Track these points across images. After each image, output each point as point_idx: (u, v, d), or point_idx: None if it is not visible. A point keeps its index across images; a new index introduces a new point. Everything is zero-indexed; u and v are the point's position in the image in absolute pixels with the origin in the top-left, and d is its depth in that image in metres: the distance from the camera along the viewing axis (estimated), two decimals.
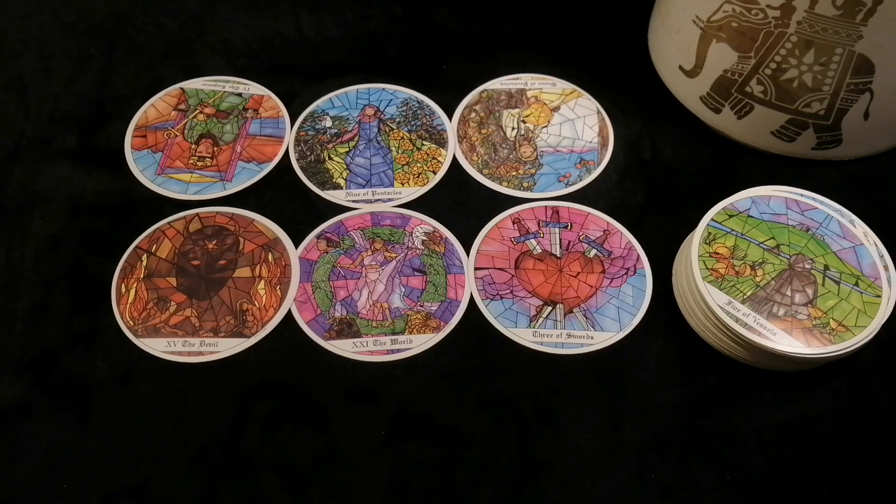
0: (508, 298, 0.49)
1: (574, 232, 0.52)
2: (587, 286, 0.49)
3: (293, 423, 0.44)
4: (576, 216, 0.52)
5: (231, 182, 0.54)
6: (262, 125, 0.57)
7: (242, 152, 0.55)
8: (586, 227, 0.52)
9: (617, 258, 0.51)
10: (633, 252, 0.51)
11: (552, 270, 0.50)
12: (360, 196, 0.54)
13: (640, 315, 0.48)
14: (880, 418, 0.45)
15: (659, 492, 0.42)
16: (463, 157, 0.56)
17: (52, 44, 0.63)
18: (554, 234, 0.51)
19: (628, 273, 0.50)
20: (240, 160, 0.55)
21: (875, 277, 0.45)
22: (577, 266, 0.50)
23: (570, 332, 0.47)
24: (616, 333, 0.47)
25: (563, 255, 0.51)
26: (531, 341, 0.47)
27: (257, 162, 0.55)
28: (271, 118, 0.58)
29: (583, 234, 0.52)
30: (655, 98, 0.59)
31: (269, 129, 0.57)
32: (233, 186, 0.54)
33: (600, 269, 0.50)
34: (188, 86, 0.59)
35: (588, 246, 0.51)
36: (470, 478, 0.43)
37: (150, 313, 0.48)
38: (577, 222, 0.52)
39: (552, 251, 0.51)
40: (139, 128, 0.57)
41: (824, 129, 0.53)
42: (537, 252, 0.51)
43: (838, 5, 0.45)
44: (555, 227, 0.52)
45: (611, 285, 0.49)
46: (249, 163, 0.55)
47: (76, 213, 0.52)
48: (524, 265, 0.50)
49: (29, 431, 0.44)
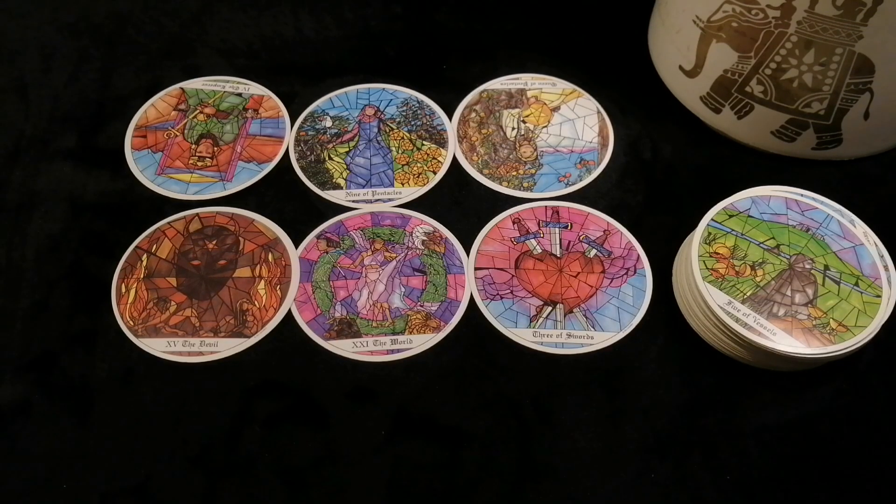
0: (508, 298, 0.49)
1: (574, 232, 0.52)
2: (587, 286, 0.49)
3: (293, 424, 0.44)
4: (576, 216, 0.52)
5: (231, 182, 0.54)
6: (263, 125, 0.57)
7: (242, 152, 0.55)
8: (586, 227, 0.52)
9: (617, 258, 0.51)
10: (634, 252, 0.51)
11: (552, 270, 0.50)
12: (360, 196, 0.54)
13: (640, 315, 0.48)
14: (880, 418, 0.45)
15: (659, 492, 0.42)
16: (463, 157, 0.56)
17: (52, 44, 0.63)
18: (554, 235, 0.51)
19: (628, 273, 0.50)
20: (240, 160, 0.55)
21: (875, 277, 0.45)
22: (578, 266, 0.50)
23: (571, 332, 0.47)
24: (616, 333, 0.47)
25: (564, 255, 0.51)
26: (531, 341, 0.47)
27: (257, 162, 0.55)
28: (271, 118, 0.58)
29: (583, 234, 0.52)
30: (655, 98, 0.59)
31: (270, 129, 0.57)
32: (233, 186, 0.54)
33: (600, 270, 0.50)
34: (188, 86, 0.59)
35: (588, 246, 0.51)
36: (470, 478, 0.43)
37: (150, 313, 0.48)
38: (577, 222, 0.52)
39: (552, 251, 0.51)
40: (139, 128, 0.57)
41: (824, 129, 0.53)
42: (537, 252, 0.51)
43: (838, 5, 0.45)
44: (555, 228, 0.52)
45: (611, 285, 0.49)
46: (249, 163, 0.55)
47: (76, 213, 0.52)
48: (524, 265, 0.50)
49: (29, 431, 0.44)
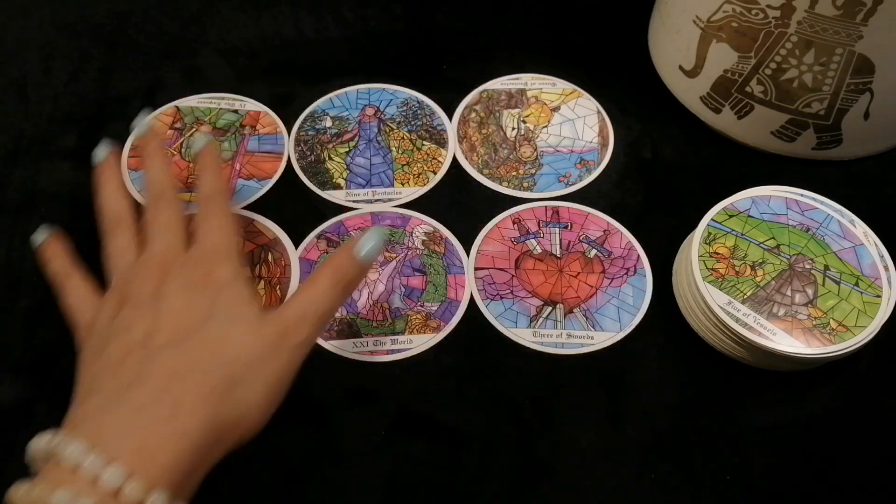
0: (508, 298, 0.49)
1: (574, 232, 0.52)
2: (587, 286, 0.49)
3: (293, 423, 0.44)
4: (575, 216, 0.52)
5: (232, 200, 0.53)
6: (261, 141, 0.56)
7: (242, 169, 0.55)
8: (586, 227, 0.52)
9: (617, 258, 0.50)
10: (634, 252, 0.51)
11: (552, 271, 0.50)
12: (361, 196, 0.54)
13: (640, 315, 0.48)
14: (880, 418, 0.45)
15: (659, 492, 0.42)
16: (463, 158, 0.56)
17: (52, 44, 0.63)
18: (554, 235, 0.51)
19: (628, 273, 0.50)
20: (239, 177, 0.54)
21: (875, 277, 0.45)
22: (578, 266, 0.50)
23: (571, 333, 0.47)
24: (616, 333, 0.47)
25: (564, 256, 0.50)
26: (531, 341, 0.47)
27: (257, 179, 0.54)
28: (269, 134, 0.57)
29: (583, 234, 0.51)
30: (655, 98, 0.59)
31: (268, 146, 0.56)
32: (234, 204, 0.53)
33: (600, 270, 0.50)
34: (182, 104, 0.58)
35: (588, 246, 0.51)
36: (470, 478, 0.43)
37: None
38: (577, 222, 0.52)
39: (552, 251, 0.51)
40: (135, 147, 0.55)
41: (824, 129, 0.53)
42: (537, 252, 0.51)
43: (838, 5, 0.45)
44: (555, 228, 0.52)
45: (611, 285, 0.49)
46: (249, 180, 0.54)
47: (76, 213, 0.52)
48: (524, 265, 0.50)
49: (29, 431, 0.44)
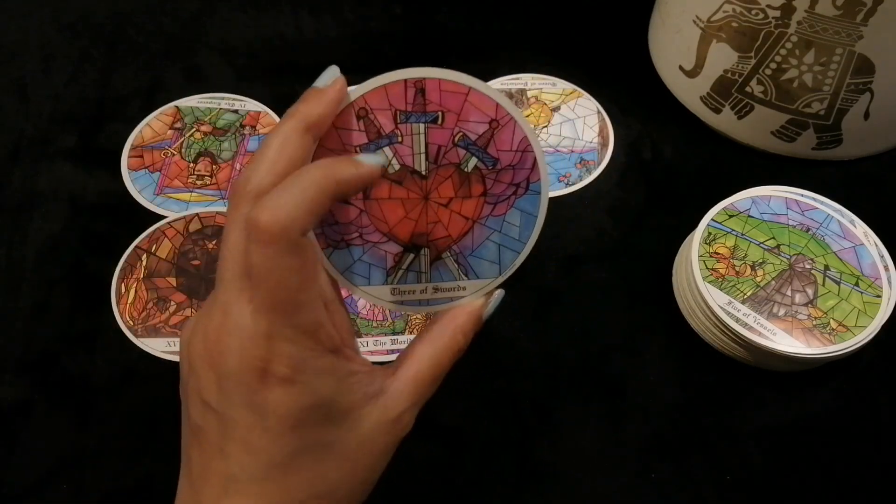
0: (357, 245, 0.33)
1: (447, 129, 0.33)
2: (462, 218, 0.34)
3: None
4: (450, 99, 0.33)
5: None
6: (261, 142, 0.56)
7: (242, 169, 0.55)
8: (465, 116, 0.33)
9: (505, 169, 0.33)
10: (529, 155, 0.33)
11: (415, 199, 0.33)
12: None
13: (525, 252, 0.34)
14: (880, 418, 0.45)
15: (659, 492, 0.42)
16: None
17: (52, 44, 0.63)
18: (418, 137, 0.33)
19: (517, 192, 0.33)
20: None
21: (875, 277, 0.45)
22: (450, 189, 0.33)
23: (438, 286, 0.34)
24: (493, 280, 0.34)
25: (431, 173, 0.33)
26: (390, 300, 0.34)
27: None
28: None
29: (459, 130, 0.33)
30: (655, 98, 0.59)
31: None
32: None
33: (480, 191, 0.33)
34: (183, 104, 0.59)
35: (465, 152, 0.33)
36: (470, 478, 0.43)
37: (150, 313, 0.48)
38: (452, 109, 0.33)
39: (415, 166, 0.33)
40: (135, 147, 0.56)
41: (824, 129, 0.53)
42: (395, 170, 0.33)
43: (838, 5, 0.45)
44: (419, 123, 0.33)
45: (493, 213, 0.34)
46: None
47: (76, 213, 0.52)
48: (376, 193, 0.33)
49: (29, 431, 0.44)
